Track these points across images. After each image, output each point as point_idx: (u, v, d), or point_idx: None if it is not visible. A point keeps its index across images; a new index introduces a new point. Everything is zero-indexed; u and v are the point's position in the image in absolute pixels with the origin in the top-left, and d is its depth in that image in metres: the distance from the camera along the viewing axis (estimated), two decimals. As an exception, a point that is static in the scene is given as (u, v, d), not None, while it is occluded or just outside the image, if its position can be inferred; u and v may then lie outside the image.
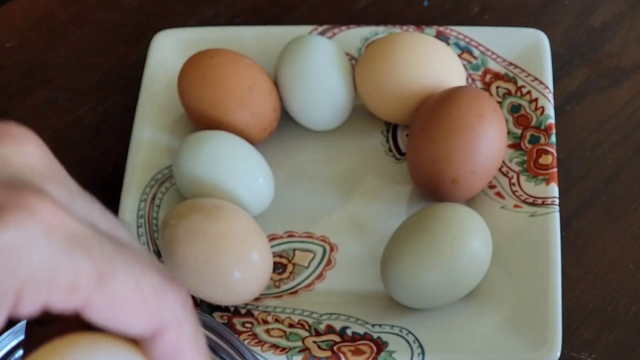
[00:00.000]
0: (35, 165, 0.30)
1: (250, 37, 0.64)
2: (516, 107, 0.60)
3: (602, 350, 0.53)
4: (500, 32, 0.63)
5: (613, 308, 0.54)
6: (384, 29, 0.63)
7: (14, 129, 0.31)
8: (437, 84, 0.57)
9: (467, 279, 0.52)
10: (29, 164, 0.30)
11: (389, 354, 0.51)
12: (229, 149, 0.56)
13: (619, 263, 0.56)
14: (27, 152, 0.30)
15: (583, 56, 0.64)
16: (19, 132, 0.31)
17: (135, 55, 0.66)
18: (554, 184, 0.56)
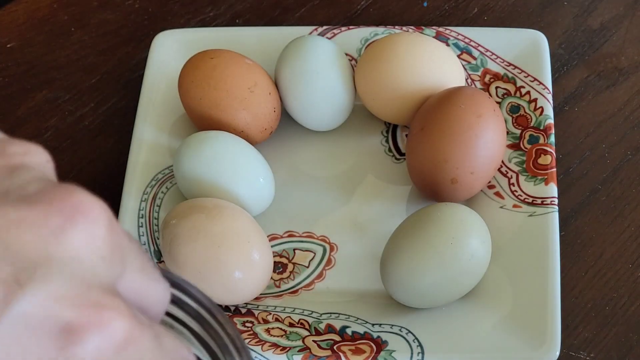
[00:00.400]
0: (105, 252, 0.29)
1: (251, 38, 0.64)
2: (515, 107, 0.60)
3: (600, 349, 0.53)
4: (500, 32, 0.63)
5: (612, 307, 0.55)
6: (384, 29, 0.63)
7: (84, 202, 0.29)
8: (436, 84, 0.58)
9: (467, 278, 0.52)
10: (100, 254, 0.29)
11: (388, 353, 0.51)
12: (230, 149, 0.56)
13: (617, 262, 0.56)
14: (97, 237, 0.29)
15: (581, 57, 0.64)
16: (90, 208, 0.29)
17: (136, 56, 0.66)
18: (553, 184, 0.56)
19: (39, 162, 0.31)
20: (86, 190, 0.29)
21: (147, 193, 0.58)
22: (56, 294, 0.28)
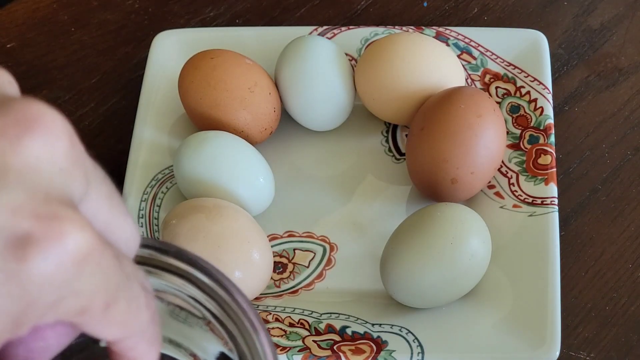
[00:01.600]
0: (64, 164, 0.29)
1: (251, 38, 0.64)
2: (515, 107, 0.60)
3: (600, 349, 0.53)
4: (500, 32, 0.63)
5: (612, 307, 0.55)
6: (384, 29, 0.63)
7: (43, 114, 0.29)
8: (436, 84, 0.58)
9: (467, 278, 0.52)
10: (59, 165, 0.28)
11: (388, 353, 0.51)
12: (230, 149, 0.56)
13: (617, 262, 0.56)
14: (56, 148, 0.28)
15: (582, 57, 0.64)
16: (49, 120, 0.29)
17: (136, 56, 0.66)
18: (553, 184, 0.56)
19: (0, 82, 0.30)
20: (47, 104, 0.29)
21: (147, 193, 0.58)
22: (13, 204, 0.27)
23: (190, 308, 0.35)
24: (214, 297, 0.34)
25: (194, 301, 0.34)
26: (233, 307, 0.33)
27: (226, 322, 0.34)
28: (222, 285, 0.34)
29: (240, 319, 0.33)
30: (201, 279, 0.34)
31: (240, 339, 0.33)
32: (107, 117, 0.64)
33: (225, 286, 0.34)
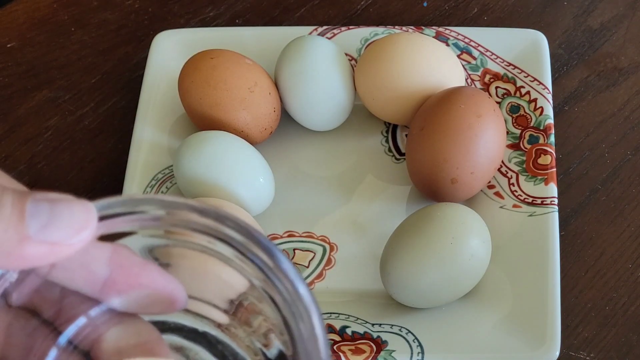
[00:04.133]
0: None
1: (251, 38, 0.64)
2: (515, 107, 0.60)
3: (600, 349, 0.53)
4: (500, 32, 0.63)
5: (611, 307, 0.55)
6: (384, 29, 0.63)
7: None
8: (436, 84, 0.58)
9: (467, 278, 0.52)
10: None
11: (388, 353, 0.51)
12: (230, 149, 0.56)
13: (617, 262, 0.56)
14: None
15: (581, 57, 0.64)
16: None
17: (136, 56, 0.66)
18: (553, 184, 0.56)
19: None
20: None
21: (147, 193, 0.58)
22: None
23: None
24: (264, 271, 0.33)
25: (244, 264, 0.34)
26: (285, 284, 0.33)
27: (275, 297, 0.33)
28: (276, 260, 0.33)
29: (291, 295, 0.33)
30: (255, 252, 0.33)
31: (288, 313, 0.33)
32: (107, 117, 0.64)
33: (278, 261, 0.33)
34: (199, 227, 0.33)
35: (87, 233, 0.31)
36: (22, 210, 0.31)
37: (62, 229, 0.31)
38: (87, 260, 0.33)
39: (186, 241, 0.34)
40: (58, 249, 0.31)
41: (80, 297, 0.35)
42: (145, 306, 0.35)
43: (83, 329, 0.35)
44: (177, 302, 0.35)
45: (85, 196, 0.63)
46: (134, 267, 0.35)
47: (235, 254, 0.33)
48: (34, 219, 0.31)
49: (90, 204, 0.32)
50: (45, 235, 0.31)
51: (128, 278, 0.35)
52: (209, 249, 0.34)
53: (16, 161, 0.62)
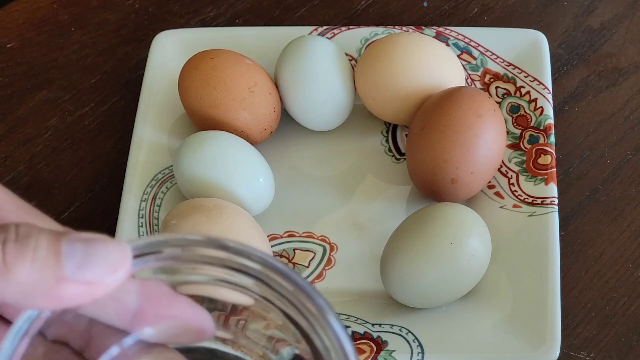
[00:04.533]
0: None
1: (251, 38, 0.64)
2: (515, 107, 0.60)
3: (600, 349, 0.53)
4: (500, 32, 0.63)
5: (611, 307, 0.55)
6: (384, 29, 0.63)
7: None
8: (436, 84, 0.58)
9: (467, 278, 0.52)
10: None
11: (388, 353, 0.51)
12: (230, 149, 0.56)
13: (617, 262, 0.56)
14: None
15: (581, 57, 0.64)
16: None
17: (136, 56, 0.66)
18: (553, 184, 0.56)
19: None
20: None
21: (147, 193, 0.58)
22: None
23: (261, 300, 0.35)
24: (283, 294, 0.34)
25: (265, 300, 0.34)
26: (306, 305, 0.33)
27: (298, 320, 0.34)
28: (297, 285, 0.33)
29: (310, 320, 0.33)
30: (275, 279, 0.34)
31: (314, 335, 0.33)
32: (107, 117, 0.64)
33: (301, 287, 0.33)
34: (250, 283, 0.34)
35: (123, 272, 0.32)
36: (57, 251, 0.31)
37: (98, 268, 0.32)
38: (117, 293, 0.33)
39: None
40: (94, 288, 0.32)
41: (109, 328, 0.36)
42: (174, 336, 0.36)
43: (114, 359, 0.36)
44: (206, 332, 0.36)
45: (85, 196, 0.63)
46: (163, 298, 0.35)
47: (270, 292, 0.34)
48: (69, 259, 0.31)
49: (125, 244, 0.32)
50: (81, 275, 0.31)
51: (158, 309, 0.35)
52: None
53: (16, 161, 0.62)
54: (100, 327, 0.36)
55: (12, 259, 0.31)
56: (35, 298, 0.31)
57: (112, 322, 0.35)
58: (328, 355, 0.33)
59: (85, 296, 0.32)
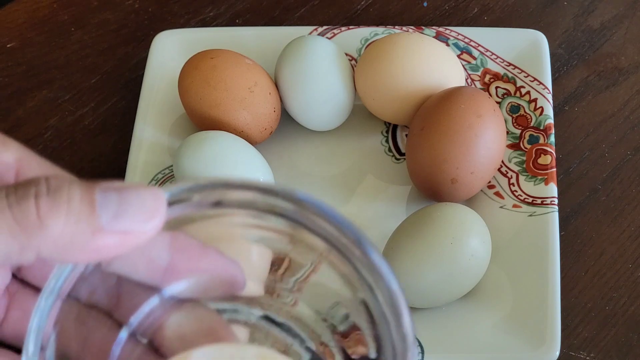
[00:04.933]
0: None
1: (251, 38, 0.64)
2: (515, 107, 0.60)
3: (600, 349, 0.53)
4: (500, 32, 0.63)
5: (612, 307, 0.55)
6: (384, 29, 0.63)
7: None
8: (436, 84, 0.58)
9: (466, 278, 0.52)
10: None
11: (388, 352, 0.51)
12: (230, 149, 0.56)
13: (617, 262, 0.56)
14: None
15: (581, 57, 0.64)
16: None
17: (136, 56, 0.66)
18: (553, 184, 0.56)
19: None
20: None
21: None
22: None
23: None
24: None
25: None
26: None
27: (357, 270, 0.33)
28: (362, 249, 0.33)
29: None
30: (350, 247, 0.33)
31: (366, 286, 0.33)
32: (107, 117, 0.64)
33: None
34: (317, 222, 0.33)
35: (159, 219, 0.31)
36: (91, 201, 0.30)
37: (134, 216, 0.31)
38: (147, 248, 0.32)
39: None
40: (131, 237, 0.31)
41: (138, 286, 0.35)
42: (206, 290, 0.35)
43: (144, 318, 0.35)
44: (238, 283, 0.35)
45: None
46: (193, 251, 0.34)
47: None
48: (104, 210, 0.30)
49: (160, 190, 0.31)
50: (118, 225, 0.31)
51: (189, 263, 0.34)
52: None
53: (16, 161, 0.62)
54: (130, 287, 0.35)
55: (47, 212, 0.30)
56: (71, 251, 0.30)
57: (143, 278, 0.34)
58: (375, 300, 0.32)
59: (122, 246, 0.31)
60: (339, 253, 0.33)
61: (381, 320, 0.33)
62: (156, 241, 0.33)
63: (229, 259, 0.35)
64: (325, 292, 0.36)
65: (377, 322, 0.33)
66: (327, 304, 0.36)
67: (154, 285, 0.35)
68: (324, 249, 0.33)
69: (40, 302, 0.31)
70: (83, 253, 0.31)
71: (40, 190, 0.30)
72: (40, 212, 0.30)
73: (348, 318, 0.35)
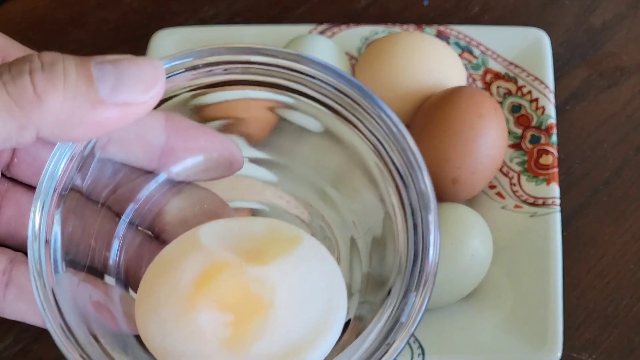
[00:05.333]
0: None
1: (250, 37, 0.63)
2: (517, 107, 0.60)
3: (602, 350, 0.53)
4: (501, 31, 0.63)
5: (613, 308, 0.54)
6: (384, 28, 0.63)
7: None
8: (437, 83, 0.57)
9: (468, 279, 0.52)
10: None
11: (389, 354, 0.51)
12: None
13: (619, 263, 0.56)
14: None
15: (583, 56, 0.64)
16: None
17: (135, 55, 0.66)
18: (554, 184, 0.56)
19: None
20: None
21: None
22: None
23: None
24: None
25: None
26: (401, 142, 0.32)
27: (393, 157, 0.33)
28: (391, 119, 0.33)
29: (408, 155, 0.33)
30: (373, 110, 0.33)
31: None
32: (105, 117, 0.63)
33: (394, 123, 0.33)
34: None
35: (159, 89, 0.30)
36: (88, 75, 0.30)
37: (134, 87, 0.30)
38: (142, 130, 0.32)
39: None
40: (132, 109, 0.30)
41: (135, 173, 0.34)
42: (204, 171, 0.34)
43: (143, 205, 0.35)
44: (236, 162, 0.35)
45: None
46: (189, 130, 0.34)
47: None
48: (102, 82, 0.30)
49: (156, 60, 0.31)
50: (118, 97, 0.30)
51: (186, 142, 0.34)
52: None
53: (14, 161, 0.61)
54: (126, 174, 0.34)
55: (43, 87, 0.29)
56: (71, 127, 0.30)
57: (140, 162, 0.34)
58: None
59: (123, 119, 0.30)
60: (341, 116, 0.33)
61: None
62: (151, 122, 0.32)
63: (225, 137, 0.34)
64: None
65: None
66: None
67: (151, 169, 0.34)
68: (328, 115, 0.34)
69: (42, 183, 0.31)
70: (83, 129, 0.30)
71: (34, 67, 0.29)
72: (37, 88, 0.29)
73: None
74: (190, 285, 0.32)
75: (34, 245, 0.31)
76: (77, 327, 0.31)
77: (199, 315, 0.32)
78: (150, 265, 0.33)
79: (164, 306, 0.32)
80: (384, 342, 0.32)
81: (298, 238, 0.34)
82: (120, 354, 0.32)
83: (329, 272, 0.34)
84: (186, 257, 0.32)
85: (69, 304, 0.32)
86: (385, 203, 0.34)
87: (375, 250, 0.35)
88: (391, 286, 0.33)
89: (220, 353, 0.32)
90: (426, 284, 0.32)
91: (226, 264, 0.32)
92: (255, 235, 0.33)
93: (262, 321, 0.32)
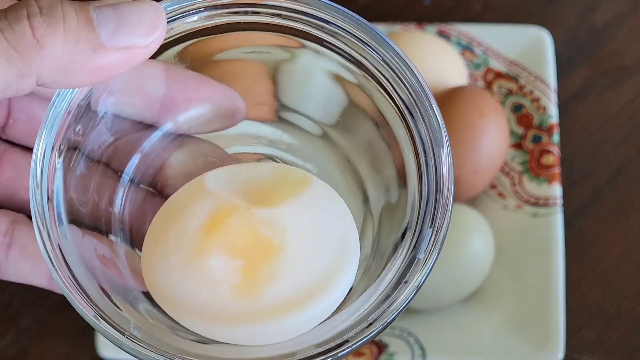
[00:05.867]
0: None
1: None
2: (518, 106, 0.60)
3: (604, 351, 0.53)
4: (502, 30, 0.63)
5: (616, 309, 0.54)
6: (385, 27, 0.63)
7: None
8: (438, 83, 0.57)
9: (469, 279, 0.52)
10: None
11: (389, 355, 0.51)
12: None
13: (621, 263, 0.56)
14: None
15: (585, 55, 0.64)
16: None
17: None
18: (556, 184, 0.56)
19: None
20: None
21: None
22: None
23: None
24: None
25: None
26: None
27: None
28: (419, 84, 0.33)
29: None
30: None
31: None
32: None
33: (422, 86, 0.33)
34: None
35: (161, 31, 0.30)
36: (88, 19, 0.29)
37: (134, 31, 0.30)
38: (141, 81, 0.31)
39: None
40: (134, 53, 0.30)
41: (135, 127, 0.34)
42: (207, 123, 0.34)
43: (143, 160, 0.34)
44: (238, 112, 0.34)
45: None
46: (190, 81, 0.33)
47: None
48: (103, 26, 0.29)
49: (155, 2, 0.30)
50: (119, 41, 0.29)
51: (186, 92, 0.33)
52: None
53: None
54: (126, 127, 0.33)
55: (43, 32, 0.29)
56: (72, 73, 0.29)
57: (140, 115, 0.33)
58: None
59: (125, 64, 0.30)
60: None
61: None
62: (150, 73, 0.32)
63: (226, 87, 0.34)
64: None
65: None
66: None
67: (151, 121, 0.34)
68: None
69: (43, 127, 0.31)
70: (85, 74, 0.29)
71: (32, 11, 0.29)
72: (36, 33, 0.29)
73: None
74: (198, 231, 0.31)
75: (36, 194, 0.31)
76: (85, 280, 0.31)
77: (208, 261, 0.31)
78: (156, 216, 0.33)
79: (172, 255, 0.31)
80: (401, 280, 0.31)
81: (307, 180, 0.33)
82: (130, 309, 0.32)
83: (341, 213, 0.33)
84: (193, 203, 0.32)
85: (75, 257, 0.31)
86: (399, 142, 0.33)
87: (386, 193, 0.34)
88: (406, 227, 0.33)
89: (232, 299, 0.31)
90: (443, 219, 0.31)
91: (234, 208, 0.32)
92: (263, 179, 0.33)
93: (273, 265, 0.31)
